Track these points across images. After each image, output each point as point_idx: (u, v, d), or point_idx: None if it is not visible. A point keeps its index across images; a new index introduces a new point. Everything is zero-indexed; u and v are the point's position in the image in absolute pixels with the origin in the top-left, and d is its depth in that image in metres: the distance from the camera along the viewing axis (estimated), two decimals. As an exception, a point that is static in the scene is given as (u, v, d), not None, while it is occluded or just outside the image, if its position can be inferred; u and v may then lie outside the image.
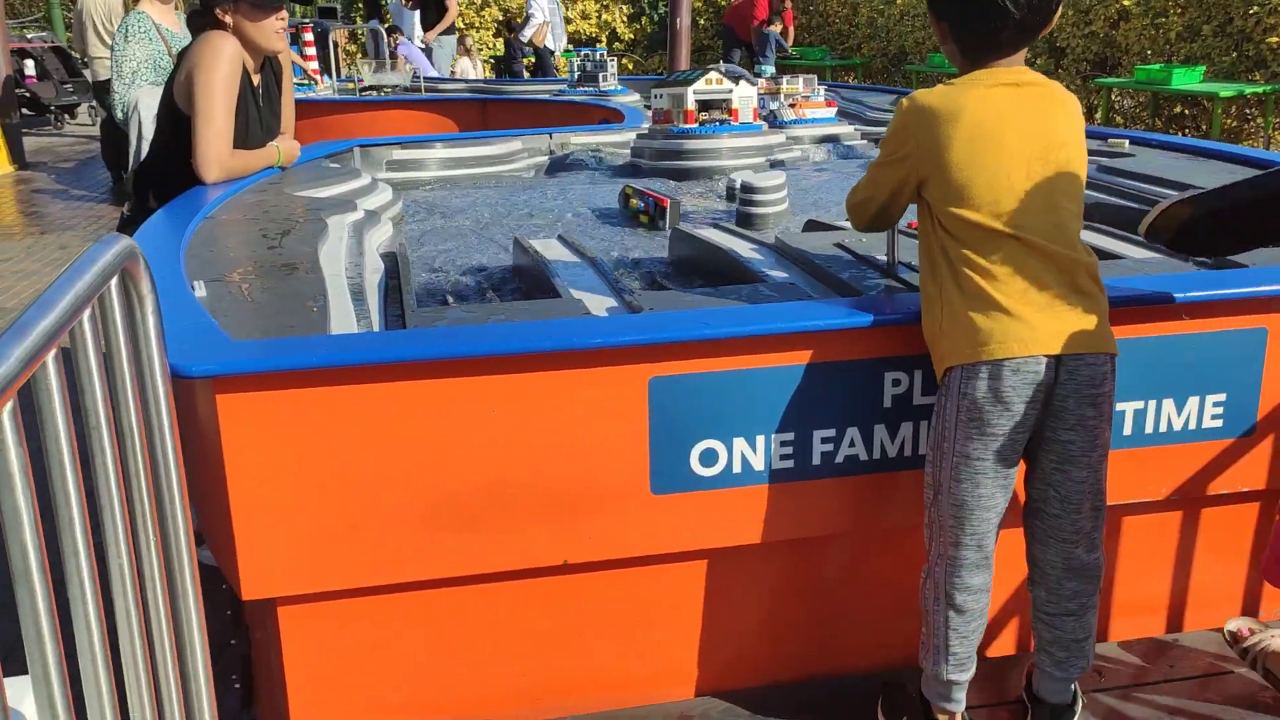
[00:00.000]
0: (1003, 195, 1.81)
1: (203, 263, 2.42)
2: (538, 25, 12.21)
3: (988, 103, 1.84)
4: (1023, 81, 1.87)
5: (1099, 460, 1.87)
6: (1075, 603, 1.94)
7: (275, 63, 3.39)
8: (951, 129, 1.82)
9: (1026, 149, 1.82)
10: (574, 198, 4.10)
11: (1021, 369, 1.78)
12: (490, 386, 1.85)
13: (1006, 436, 1.83)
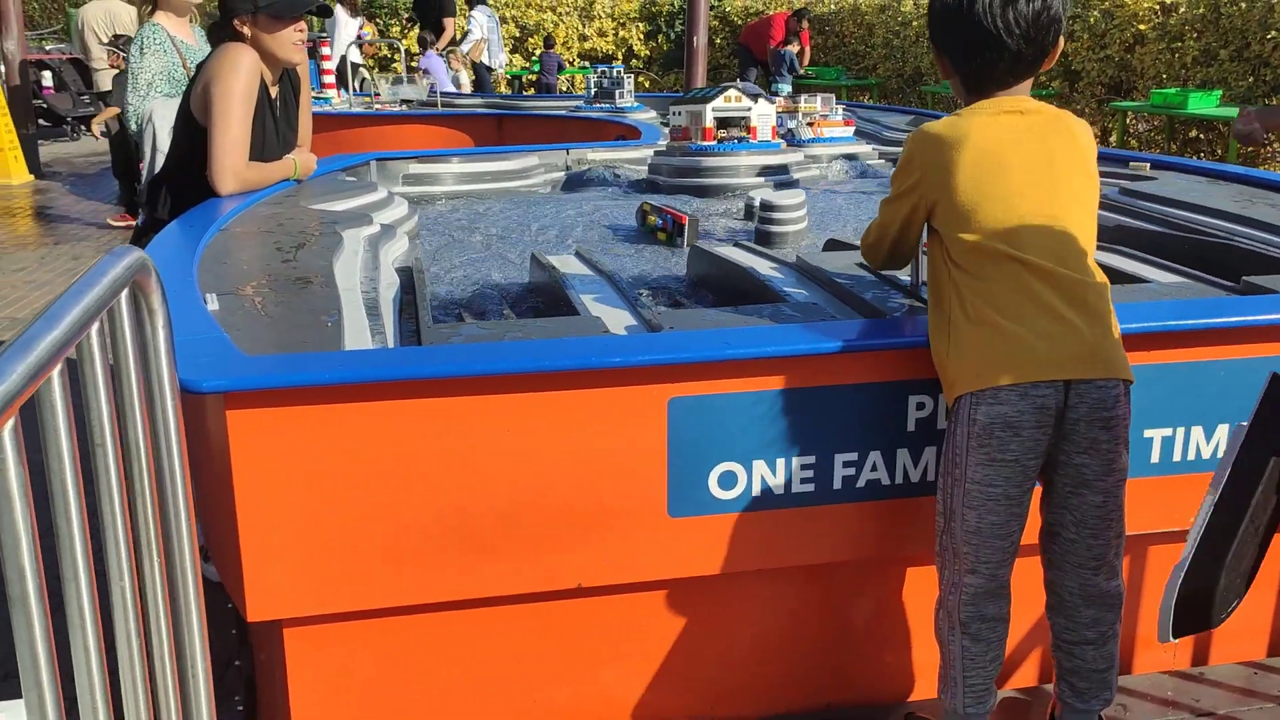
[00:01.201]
0: (1007, 219, 1.81)
1: (216, 276, 2.39)
2: (475, 41, 12.06)
3: (991, 129, 1.86)
4: (1026, 110, 1.90)
5: (1115, 485, 1.83)
6: (1095, 631, 1.89)
7: (293, 75, 3.37)
8: (956, 154, 1.84)
9: (1030, 174, 1.84)
10: (591, 214, 4.07)
11: (1030, 394, 1.76)
12: (505, 405, 1.81)
13: (1018, 463, 1.80)
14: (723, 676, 2.16)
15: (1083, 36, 10.60)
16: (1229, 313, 2.03)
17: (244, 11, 3.11)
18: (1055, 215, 1.82)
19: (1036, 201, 1.82)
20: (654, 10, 16.21)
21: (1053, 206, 1.82)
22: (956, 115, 1.90)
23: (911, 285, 2.25)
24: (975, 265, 1.81)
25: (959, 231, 1.82)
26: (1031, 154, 1.85)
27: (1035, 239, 1.79)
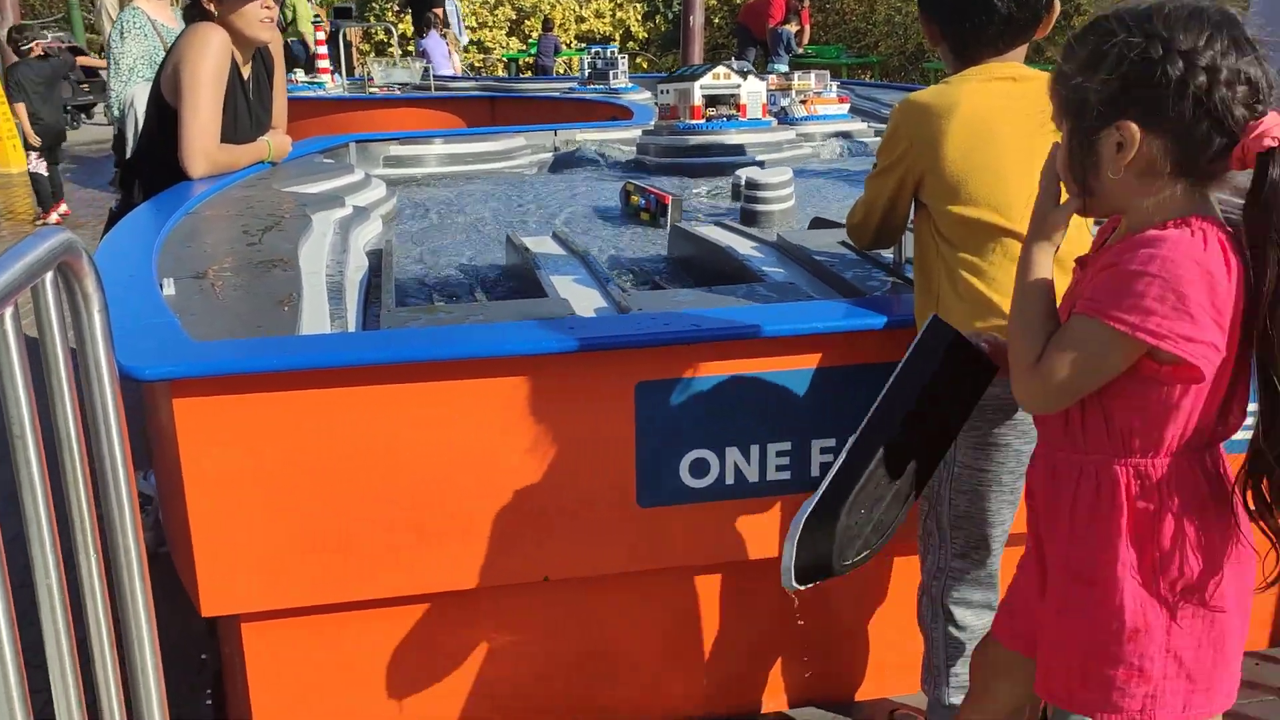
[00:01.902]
0: (998, 191, 1.71)
1: (177, 260, 2.31)
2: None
3: (982, 96, 1.74)
4: (1019, 76, 1.77)
5: None
6: None
7: (267, 55, 3.28)
8: (945, 123, 1.73)
9: (1023, 143, 1.71)
10: (576, 195, 3.99)
11: None
12: (464, 391, 1.74)
13: (1009, 447, 1.73)
14: (697, 671, 2.09)
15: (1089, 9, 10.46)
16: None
17: (211, -12, 3.03)
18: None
19: (1028, 172, 1.69)
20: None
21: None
22: (945, 83, 1.79)
23: (894, 263, 2.17)
24: (964, 240, 1.72)
25: (947, 204, 1.72)
26: (1022, 122, 1.71)
27: (1027, 211, 1.70)
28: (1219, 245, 1.21)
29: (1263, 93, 1.20)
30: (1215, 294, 1.20)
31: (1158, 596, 1.30)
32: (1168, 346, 1.20)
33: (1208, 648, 1.32)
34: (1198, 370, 1.22)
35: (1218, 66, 1.18)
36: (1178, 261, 1.20)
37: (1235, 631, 1.34)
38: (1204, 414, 1.28)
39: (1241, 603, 1.34)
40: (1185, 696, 1.32)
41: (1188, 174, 1.24)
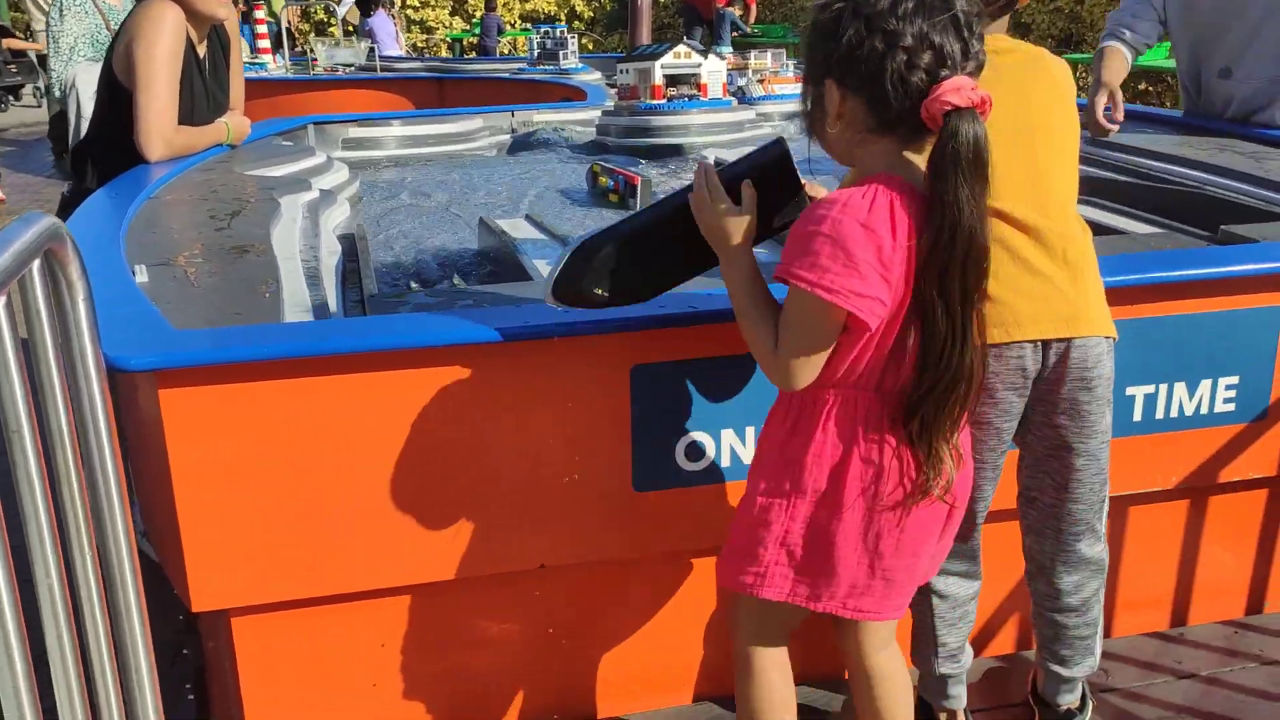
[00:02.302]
0: None
1: (144, 246, 2.23)
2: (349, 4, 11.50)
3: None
4: (1001, 49, 1.72)
5: (1098, 447, 1.74)
6: (1077, 598, 1.83)
7: (222, 33, 3.19)
8: None
9: (1008, 119, 1.65)
10: (539, 177, 3.94)
11: (1004, 354, 1.65)
12: (458, 377, 1.70)
13: (990, 425, 1.72)
14: (698, 655, 2.08)
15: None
16: (1214, 264, 1.96)
17: (165, -36, 2.92)
18: (1034, 163, 1.69)
19: (1015, 149, 1.68)
20: (596, -30, 15.96)
21: (1032, 154, 1.69)
22: None
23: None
24: None
25: None
26: (1008, 97, 1.67)
27: (1014, 189, 1.67)
28: (888, 206, 1.31)
29: (950, 58, 1.29)
30: (881, 252, 1.30)
31: (783, 498, 1.48)
32: (839, 302, 1.31)
33: (817, 550, 1.48)
34: (866, 325, 1.33)
35: (899, 32, 1.28)
36: (844, 223, 1.31)
37: (851, 560, 1.48)
38: (874, 358, 1.40)
39: (874, 523, 1.46)
40: (791, 585, 1.51)
41: (886, 131, 1.34)
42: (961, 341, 1.36)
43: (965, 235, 1.31)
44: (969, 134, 1.29)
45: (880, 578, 1.50)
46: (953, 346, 1.36)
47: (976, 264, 1.33)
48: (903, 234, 1.32)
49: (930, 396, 1.38)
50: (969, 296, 1.35)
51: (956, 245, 1.31)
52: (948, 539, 1.60)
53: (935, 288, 1.33)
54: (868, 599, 1.52)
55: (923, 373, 1.38)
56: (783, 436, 1.50)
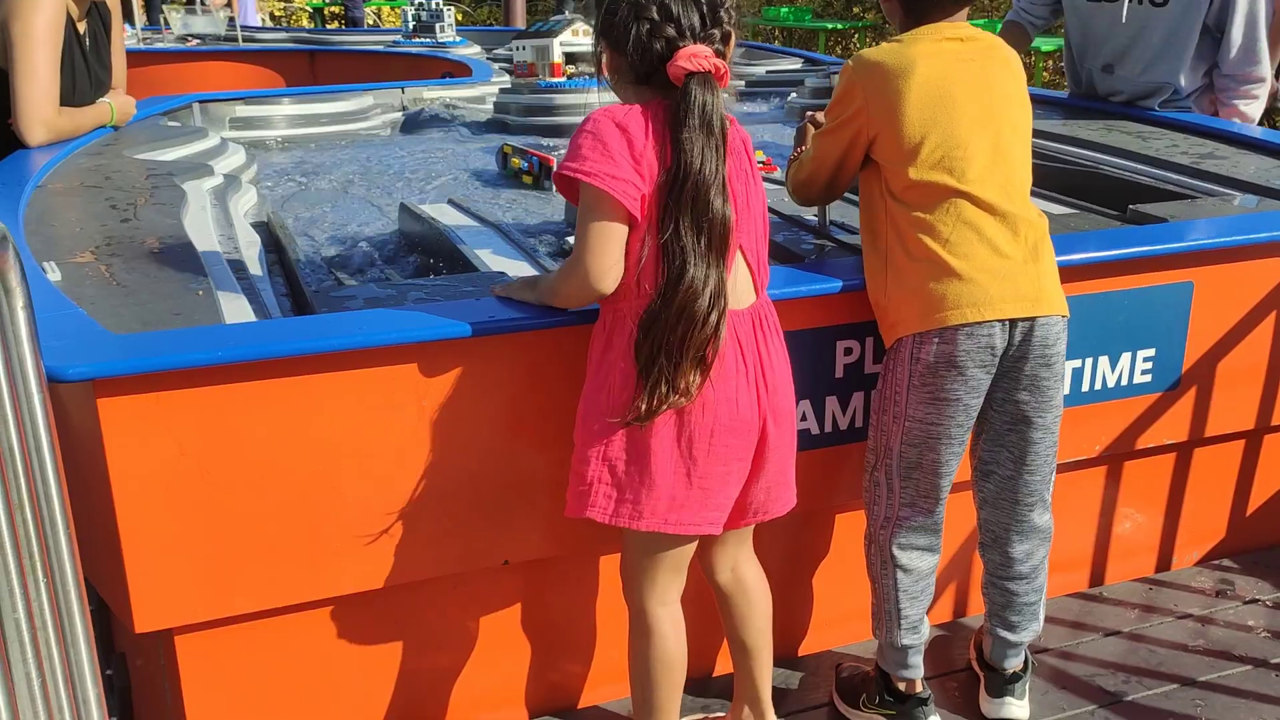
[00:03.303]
0: (953, 152, 1.75)
1: (47, 241, 2.09)
2: None
3: (936, 58, 1.77)
4: (966, 36, 1.83)
5: (1054, 421, 1.84)
6: (1028, 565, 1.92)
7: (103, 8, 3.00)
8: (903, 84, 1.75)
9: (975, 105, 1.77)
10: (442, 157, 3.85)
11: (975, 333, 1.73)
12: (418, 374, 1.65)
13: (960, 401, 1.78)
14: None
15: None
16: (1131, 244, 2.06)
17: (42, -65, 2.73)
18: (999, 148, 1.77)
19: (981, 134, 1.76)
20: (461, -62, 15.57)
21: (996, 139, 1.77)
22: (897, 42, 1.80)
23: (819, 225, 2.20)
24: (918, 200, 1.75)
25: (904, 165, 1.75)
26: (974, 84, 1.77)
27: (981, 173, 1.74)
28: (642, 116, 1.51)
29: (690, 30, 1.50)
30: (633, 147, 1.49)
31: (601, 416, 1.57)
32: (596, 183, 1.48)
33: (635, 461, 1.57)
34: (623, 206, 1.49)
35: (645, 4, 1.50)
36: (602, 122, 1.51)
37: (667, 467, 1.57)
38: (642, 267, 1.52)
39: (685, 427, 1.56)
40: (615, 505, 1.59)
41: (644, 84, 1.54)
42: (695, 267, 1.49)
43: (694, 176, 1.48)
44: (698, 96, 1.48)
45: (697, 486, 1.59)
46: (682, 271, 1.49)
47: (704, 204, 1.49)
48: (654, 141, 1.50)
49: (660, 316, 1.50)
50: (700, 231, 1.49)
51: (687, 184, 1.48)
52: (775, 463, 1.67)
53: (671, 214, 1.49)
54: (687, 511, 1.60)
55: (657, 293, 1.51)
56: (597, 356, 1.61)
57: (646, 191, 1.50)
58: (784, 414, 1.67)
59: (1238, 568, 2.44)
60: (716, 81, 1.51)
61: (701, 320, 1.50)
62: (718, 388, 1.56)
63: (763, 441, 1.64)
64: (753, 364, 1.61)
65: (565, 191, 1.63)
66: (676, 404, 1.53)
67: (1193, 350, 2.16)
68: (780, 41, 11.75)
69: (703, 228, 1.49)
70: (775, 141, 3.79)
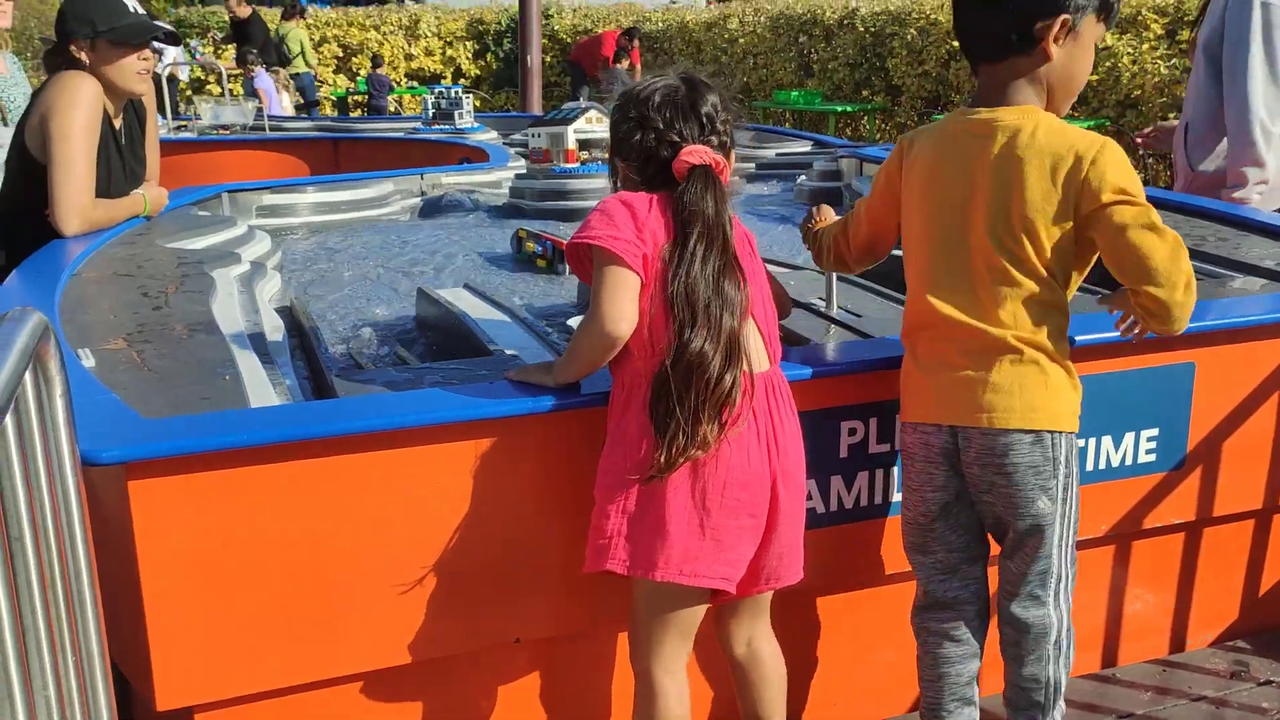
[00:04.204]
0: (918, 246, 1.81)
1: (82, 328, 2.17)
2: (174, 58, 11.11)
3: (933, 142, 1.80)
4: (988, 119, 1.71)
5: (1032, 527, 1.78)
6: (1011, 652, 1.91)
7: (138, 104, 3.13)
8: (903, 162, 1.83)
9: (947, 198, 1.74)
10: (459, 241, 3.96)
11: (918, 429, 1.83)
12: (439, 456, 1.71)
13: (918, 491, 1.86)
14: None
15: (901, 53, 11.10)
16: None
17: (82, 36, 2.87)
18: (960, 249, 1.73)
19: (944, 233, 1.74)
20: (481, 29, 16.05)
21: (959, 239, 1.73)
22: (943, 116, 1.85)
23: (827, 307, 2.26)
24: (908, 287, 1.83)
25: (900, 248, 1.84)
26: (951, 175, 1.73)
27: (938, 275, 1.75)
28: (646, 199, 1.66)
29: (688, 138, 1.67)
30: (636, 217, 1.63)
31: (620, 471, 1.65)
32: (597, 241, 1.61)
33: (650, 511, 1.64)
34: (626, 262, 1.60)
35: (650, 118, 1.67)
36: (608, 200, 1.68)
37: (682, 517, 1.63)
38: (653, 328, 1.62)
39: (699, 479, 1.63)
40: (632, 555, 1.65)
41: (649, 187, 1.70)
42: (702, 326, 1.59)
43: (696, 248, 1.61)
44: (700, 181, 1.64)
45: (710, 538, 1.64)
46: (689, 330, 1.59)
47: (711, 273, 1.61)
48: (656, 217, 1.64)
49: (671, 374, 1.59)
50: (701, 292, 1.60)
51: (696, 248, 1.61)
52: (786, 527, 1.72)
53: (678, 277, 1.61)
54: (700, 562, 1.65)
55: (672, 351, 1.60)
56: (618, 414, 1.68)
57: (649, 252, 1.62)
58: (793, 478, 1.73)
59: (1252, 649, 2.43)
60: (717, 175, 1.65)
61: (715, 377, 1.58)
62: (731, 444, 1.63)
63: (774, 503, 1.70)
64: (764, 425, 1.68)
65: (576, 267, 1.73)
66: (694, 455, 1.60)
67: (1196, 430, 2.19)
68: (791, 124, 11.98)
69: (708, 296, 1.59)
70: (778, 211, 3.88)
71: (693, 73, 1.75)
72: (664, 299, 1.61)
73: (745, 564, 1.71)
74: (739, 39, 13.34)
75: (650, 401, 1.61)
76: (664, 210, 1.66)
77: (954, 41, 10.51)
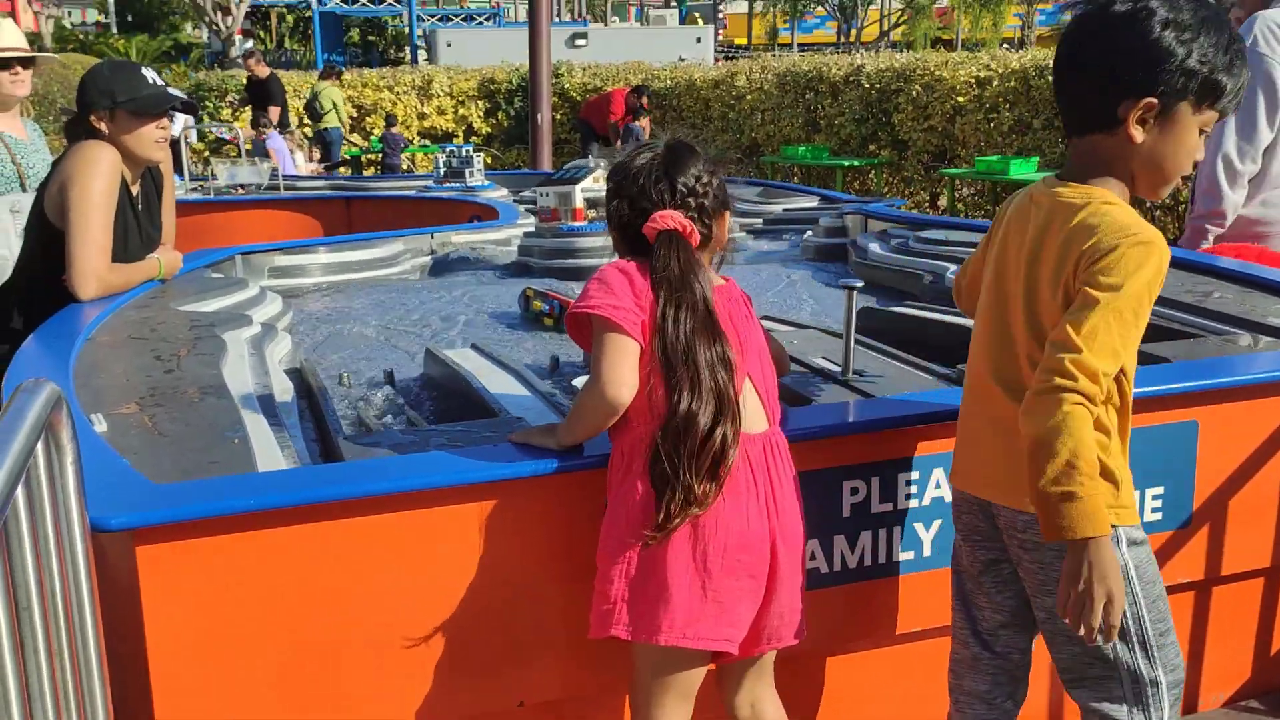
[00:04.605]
0: (980, 305, 1.80)
1: (95, 393, 2.21)
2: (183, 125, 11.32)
3: (1016, 202, 1.74)
4: (1045, 192, 1.66)
5: (1054, 607, 1.62)
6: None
7: (156, 171, 3.20)
8: (1000, 214, 1.79)
9: (1004, 262, 1.70)
10: (467, 299, 4.00)
11: (957, 497, 1.84)
12: (445, 519, 1.72)
13: (959, 556, 1.87)
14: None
15: (907, 108, 11.22)
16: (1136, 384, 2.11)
17: (102, 107, 2.95)
18: (1007, 319, 1.69)
19: (1000, 298, 1.70)
20: (493, 88, 16.30)
21: (1006, 306, 1.69)
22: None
23: (843, 372, 2.27)
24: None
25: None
26: (1012, 246, 1.69)
27: (988, 339, 1.73)
28: (638, 269, 1.71)
29: (660, 203, 1.72)
30: (633, 285, 1.68)
31: (622, 536, 1.67)
32: (597, 311, 1.66)
33: (653, 576, 1.65)
34: (626, 330, 1.64)
35: (626, 187, 1.75)
36: (606, 269, 1.73)
37: (684, 581, 1.65)
38: (650, 394, 1.65)
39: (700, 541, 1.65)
40: (635, 620, 1.67)
41: (633, 250, 1.75)
42: (692, 390, 1.62)
43: (667, 313, 1.65)
44: (666, 248, 1.68)
45: (712, 600, 1.66)
46: (681, 394, 1.62)
47: (686, 336, 1.64)
48: (648, 284, 1.68)
49: (666, 436, 1.62)
50: (689, 357, 1.63)
51: (675, 316, 1.65)
52: (786, 587, 1.72)
53: (667, 344, 1.64)
54: (703, 625, 1.66)
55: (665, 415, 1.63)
56: (618, 479, 1.70)
57: (646, 319, 1.66)
58: (792, 538, 1.74)
59: (1264, 709, 2.41)
60: (685, 238, 1.70)
61: (705, 434, 1.61)
62: (730, 505, 1.65)
63: (774, 564, 1.71)
64: (763, 486, 1.70)
65: (576, 335, 1.78)
66: (691, 514, 1.62)
67: (1202, 488, 2.19)
68: (799, 178, 12.09)
69: (690, 358, 1.63)
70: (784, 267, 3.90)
71: (682, 141, 1.80)
72: (657, 367, 1.65)
73: (747, 625, 1.71)
74: (746, 95, 13.50)
75: (649, 464, 1.63)
76: None
77: (959, 97, 10.63)
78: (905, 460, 1.99)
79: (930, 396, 2.09)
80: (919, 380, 2.31)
